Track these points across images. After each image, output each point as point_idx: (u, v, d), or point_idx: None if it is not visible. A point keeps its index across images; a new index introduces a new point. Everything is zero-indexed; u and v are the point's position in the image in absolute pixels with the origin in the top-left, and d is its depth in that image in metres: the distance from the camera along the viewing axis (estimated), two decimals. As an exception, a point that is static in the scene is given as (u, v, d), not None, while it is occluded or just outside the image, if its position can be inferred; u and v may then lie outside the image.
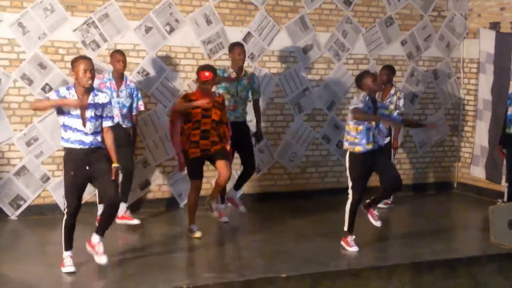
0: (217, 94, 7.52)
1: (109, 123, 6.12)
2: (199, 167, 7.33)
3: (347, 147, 6.98)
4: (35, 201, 8.07)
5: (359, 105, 6.78)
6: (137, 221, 7.88)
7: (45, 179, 8.09)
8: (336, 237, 7.22)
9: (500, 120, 9.26)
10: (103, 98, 6.06)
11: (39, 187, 8.08)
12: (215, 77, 7.29)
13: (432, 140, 10.36)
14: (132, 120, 7.84)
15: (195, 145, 7.24)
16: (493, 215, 6.00)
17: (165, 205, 8.71)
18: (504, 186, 9.12)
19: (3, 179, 7.92)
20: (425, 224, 8.48)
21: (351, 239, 7.02)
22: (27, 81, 7.94)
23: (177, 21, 8.60)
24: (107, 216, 6.16)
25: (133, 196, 8.38)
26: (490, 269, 6.95)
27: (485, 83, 9.95)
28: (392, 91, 8.84)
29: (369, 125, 6.84)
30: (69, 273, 6.01)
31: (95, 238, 6.14)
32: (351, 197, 6.97)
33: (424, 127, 8.94)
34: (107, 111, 6.09)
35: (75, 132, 5.93)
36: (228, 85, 7.98)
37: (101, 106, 6.03)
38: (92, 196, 7.87)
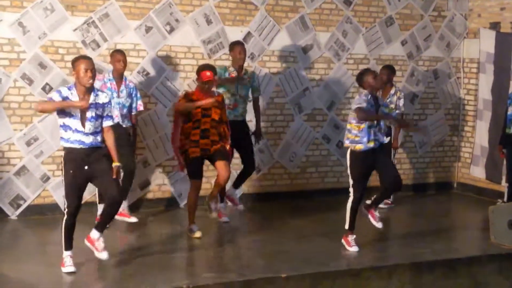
0: (216, 93, 7.52)
1: (110, 122, 6.12)
2: (199, 167, 7.33)
3: (348, 145, 6.97)
4: (35, 201, 8.07)
5: (362, 105, 6.77)
6: (134, 219, 7.95)
7: (45, 179, 8.09)
8: (336, 237, 7.22)
9: (500, 120, 9.25)
10: (103, 98, 6.07)
11: (39, 187, 8.08)
12: (216, 78, 7.28)
13: (432, 140, 10.36)
14: (131, 120, 7.85)
15: (195, 145, 7.24)
16: (493, 215, 6.01)
17: (165, 205, 8.71)
18: (504, 186, 9.12)
19: (3, 179, 7.92)
20: (425, 224, 8.48)
21: (352, 238, 7.01)
22: (27, 80, 7.94)
23: (177, 20, 8.60)
24: (107, 215, 6.18)
25: (133, 196, 8.39)
26: (490, 269, 6.95)
27: (485, 83, 9.95)
28: (392, 91, 8.84)
29: (371, 122, 6.84)
30: (69, 273, 6.02)
31: (95, 233, 6.15)
32: (352, 195, 6.97)
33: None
34: (107, 110, 6.09)
35: (75, 132, 5.92)
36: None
37: (102, 106, 6.04)
38: (92, 196, 7.87)
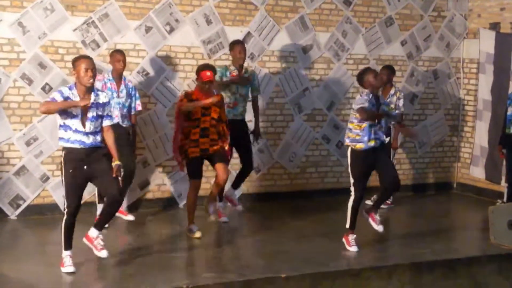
0: (215, 92, 7.52)
1: (109, 122, 6.12)
2: (198, 167, 7.33)
3: (348, 144, 6.96)
4: (34, 201, 8.06)
5: (364, 105, 6.76)
6: (131, 217, 8.00)
7: (45, 178, 8.08)
8: (336, 237, 7.22)
9: (500, 120, 9.26)
10: (103, 97, 6.08)
11: (38, 187, 8.07)
12: (217, 80, 7.28)
13: (431, 140, 10.36)
14: (131, 120, 7.85)
15: (195, 144, 7.23)
16: (493, 216, 6.00)
17: (164, 205, 8.70)
18: (503, 186, 9.12)
19: (3, 179, 7.91)
20: (425, 224, 8.48)
21: (352, 238, 7.01)
22: (27, 80, 7.94)
23: (177, 21, 8.60)
24: (107, 214, 6.19)
25: (132, 196, 8.39)
26: (490, 269, 6.95)
27: (485, 83, 9.95)
28: (392, 91, 8.83)
29: (372, 121, 6.83)
30: (69, 273, 6.01)
31: (93, 232, 6.16)
32: (353, 194, 6.97)
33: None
34: (107, 110, 6.09)
35: (75, 132, 5.92)
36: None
37: (102, 105, 6.04)
38: (91, 196, 7.88)
